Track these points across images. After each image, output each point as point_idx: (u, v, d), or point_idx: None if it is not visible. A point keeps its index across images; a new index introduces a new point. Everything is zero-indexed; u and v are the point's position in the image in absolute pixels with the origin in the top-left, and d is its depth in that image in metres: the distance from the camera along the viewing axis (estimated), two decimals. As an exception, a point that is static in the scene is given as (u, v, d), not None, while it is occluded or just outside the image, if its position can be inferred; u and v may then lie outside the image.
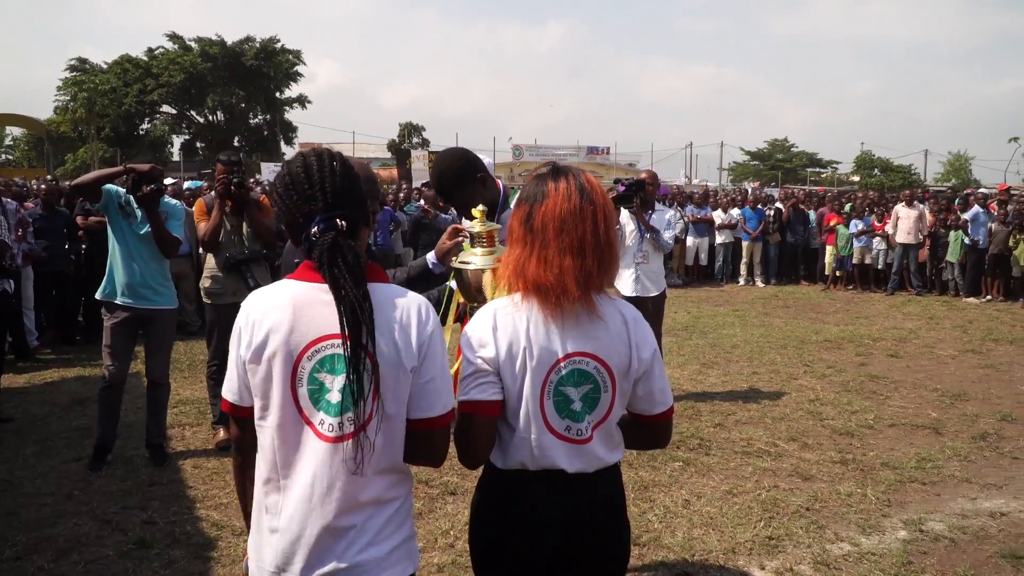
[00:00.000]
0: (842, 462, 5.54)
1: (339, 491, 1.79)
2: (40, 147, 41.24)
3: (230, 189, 5.59)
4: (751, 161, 57.66)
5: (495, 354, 2.00)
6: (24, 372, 7.97)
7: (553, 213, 2.02)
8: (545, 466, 2.04)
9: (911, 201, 14.54)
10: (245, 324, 1.86)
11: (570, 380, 2.04)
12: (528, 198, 2.08)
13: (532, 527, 2.07)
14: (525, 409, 2.03)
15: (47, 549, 4.13)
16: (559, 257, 2.00)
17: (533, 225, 2.03)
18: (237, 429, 1.97)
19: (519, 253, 2.05)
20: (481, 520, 2.17)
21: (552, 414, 2.04)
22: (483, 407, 2.02)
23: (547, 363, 2.02)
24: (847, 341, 9.95)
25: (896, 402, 7.14)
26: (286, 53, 43.19)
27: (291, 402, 1.80)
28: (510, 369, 2.01)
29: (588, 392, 2.06)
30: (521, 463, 2.06)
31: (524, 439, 2.04)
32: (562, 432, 2.05)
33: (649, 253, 6.94)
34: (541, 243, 2.02)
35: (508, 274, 2.06)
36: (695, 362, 8.66)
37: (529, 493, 2.06)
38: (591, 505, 2.09)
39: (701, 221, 16.08)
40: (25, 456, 5.52)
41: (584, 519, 2.08)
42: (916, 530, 4.49)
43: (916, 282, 14.47)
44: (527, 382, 2.01)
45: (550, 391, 2.03)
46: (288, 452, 1.82)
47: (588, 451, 2.08)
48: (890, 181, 45.02)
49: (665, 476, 5.24)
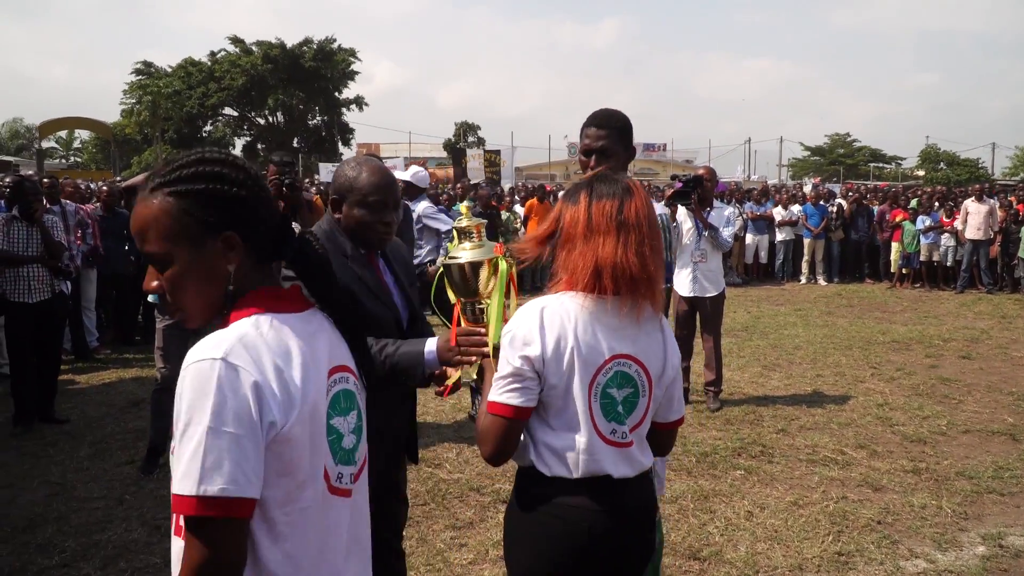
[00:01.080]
0: (915, 471, 5.26)
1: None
2: (107, 150, 42.24)
3: (282, 190, 5.53)
4: (811, 157, 56.53)
5: (540, 352, 1.95)
6: (83, 372, 8.05)
7: (646, 210, 2.01)
8: (593, 472, 1.99)
9: (981, 196, 13.98)
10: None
11: (615, 382, 2.01)
12: (611, 193, 2.01)
13: (580, 536, 1.99)
14: (573, 410, 1.98)
15: (95, 556, 4.10)
16: (654, 254, 2.00)
17: (627, 219, 1.98)
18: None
19: (613, 246, 1.96)
20: (524, 533, 2.07)
21: (600, 416, 1.99)
22: (519, 412, 1.97)
23: (595, 363, 1.98)
24: (916, 342, 9.57)
25: (970, 407, 6.80)
26: (342, 52, 43.63)
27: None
28: (556, 368, 1.96)
29: (628, 396, 2.03)
30: (567, 469, 1.99)
31: (571, 442, 1.99)
32: (608, 435, 2.01)
33: (708, 252, 6.73)
34: (638, 239, 1.98)
35: (592, 268, 1.96)
36: (756, 364, 8.39)
37: (577, 501, 1.99)
38: (635, 511, 2.07)
39: (761, 218, 15.69)
40: (79, 459, 5.54)
41: (628, 525, 2.05)
42: (995, 545, 4.22)
43: (986, 280, 13.91)
44: (576, 382, 1.97)
45: (597, 392, 1.99)
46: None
47: (631, 455, 2.05)
48: (956, 175, 43.73)
49: (726, 485, 5.03)
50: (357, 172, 2.62)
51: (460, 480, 5.09)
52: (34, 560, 4.05)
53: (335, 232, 2.64)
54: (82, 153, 54.88)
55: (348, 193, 2.61)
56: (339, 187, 2.63)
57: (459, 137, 45.36)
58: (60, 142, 55.85)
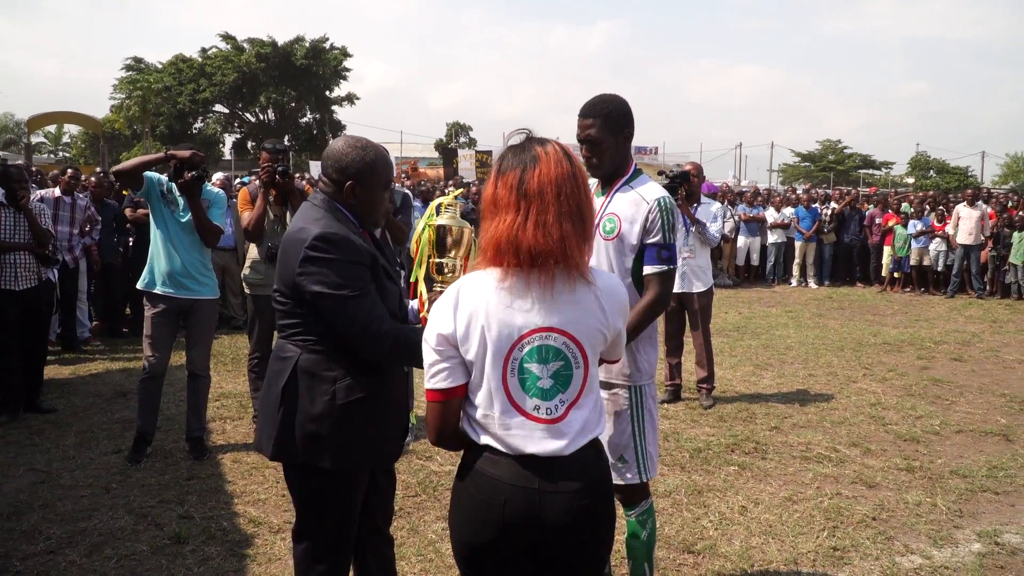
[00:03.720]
0: (908, 469, 5.24)
1: None
2: (96, 145, 41.94)
3: (274, 178, 5.48)
4: (802, 163, 56.63)
5: (452, 330, 1.97)
6: (69, 363, 7.96)
7: (549, 177, 1.94)
8: (513, 448, 1.97)
9: (973, 201, 14.02)
10: None
11: (534, 357, 1.97)
12: (516, 164, 1.98)
13: (495, 509, 1.97)
14: (488, 387, 1.98)
15: (81, 543, 4.02)
16: (559, 223, 1.92)
17: (528, 190, 1.94)
18: None
19: (512, 219, 1.93)
20: (455, 499, 2.09)
21: (518, 392, 1.97)
22: (448, 393, 2.00)
23: (509, 338, 1.96)
24: (907, 344, 9.57)
25: (962, 407, 6.79)
26: (334, 50, 43.52)
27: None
28: (469, 345, 1.96)
29: (559, 369, 1.98)
30: (492, 439, 1.99)
31: (488, 418, 1.99)
32: (531, 412, 1.98)
33: (695, 248, 6.71)
34: (539, 208, 1.93)
35: (494, 244, 1.95)
36: (748, 363, 8.37)
37: (496, 472, 1.98)
38: (567, 489, 1.96)
39: (753, 220, 15.70)
40: (65, 447, 5.45)
41: (556, 503, 1.95)
42: (991, 543, 4.19)
43: (977, 284, 13.94)
44: (488, 358, 1.96)
45: (514, 368, 1.96)
46: None
47: (561, 430, 1.98)
48: (946, 183, 43.87)
49: (720, 480, 4.99)
50: (372, 156, 2.67)
51: (451, 472, 5.04)
52: (19, 547, 3.98)
53: (339, 211, 2.65)
54: (71, 148, 54.47)
55: (367, 177, 2.65)
56: (357, 170, 2.64)
57: (450, 137, 45.28)
58: (49, 137, 55.42)
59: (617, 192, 3.11)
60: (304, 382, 2.57)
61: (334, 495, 2.64)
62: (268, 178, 5.47)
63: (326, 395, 2.55)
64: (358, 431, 2.59)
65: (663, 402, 6.72)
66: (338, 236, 2.53)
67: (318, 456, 2.57)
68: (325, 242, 2.51)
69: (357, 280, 2.52)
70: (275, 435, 2.60)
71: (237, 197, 6.48)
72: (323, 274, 2.50)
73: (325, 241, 2.51)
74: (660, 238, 3.01)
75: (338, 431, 2.56)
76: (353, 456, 2.61)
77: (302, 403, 2.57)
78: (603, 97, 3.10)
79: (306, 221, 2.60)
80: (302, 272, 2.52)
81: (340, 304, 2.49)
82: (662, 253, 3.02)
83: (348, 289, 2.49)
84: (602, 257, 3.07)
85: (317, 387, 2.56)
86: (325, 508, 2.65)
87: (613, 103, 3.08)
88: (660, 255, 3.02)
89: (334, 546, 2.68)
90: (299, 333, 2.61)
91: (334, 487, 2.63)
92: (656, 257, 3.02)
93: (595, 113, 3.04)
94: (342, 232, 2.56)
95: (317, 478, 2.61)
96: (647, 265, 3.03)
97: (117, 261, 9.36)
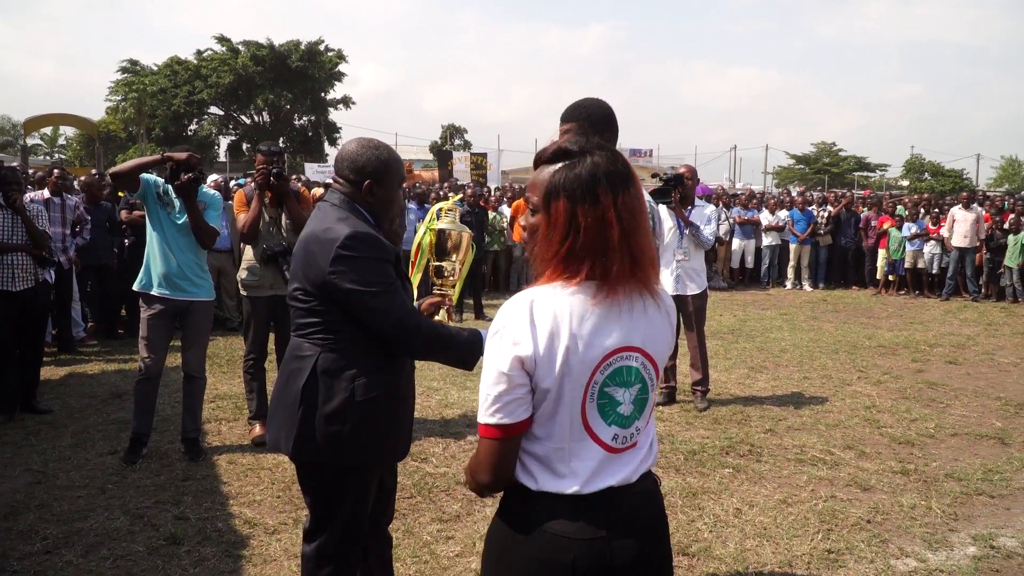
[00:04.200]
0: (903, 472, 5.25)
1: None
2: (91, 147, 41.86)
3: (270, 180, 5.48)
4: (796, 165, 56.74)
5: (532, 351, 1.68)
6: (65, 364, 7.95)
7: (639, 189, 1.79)
8: (588, 487, 1.74)
9: (968, 203, 14.05)
10: None
11: (615, 380, 1.75)
12: (606, 175, 1.73)
13: (563, 570, 1.72)
14: (564, 416, 1.73)
15: (77, 543, 4.02)
16: (646, 237, 1.76)
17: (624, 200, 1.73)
18: None
19: (612, 229, 1.70)
20: (501, 556, 1.83)
21: (597, 421, 1.75)
22: (511, 429, 1.72)
23: (593, 360, 1.71)
24: (902, 347, 9.60)
25: (957, 410, 6.81)
26: (329, 52, 43.50)
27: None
28: (548, 369, 1.69)
29: (638, 393, 1.79)
30: (555, 482, 1.74)
31: (559, 453, 1.74)
32: (608, 442, 1.76)
33: (690, 250, 6.72)
34: (633, 218, 1.73)
35: (574, 254, 1.71)
36: (743, 366, 8.39)
37: (561, 528, 1.73)
38: (636, 523, 1.79)
39: (748, 222, 15.73)
40: (61, 448, 5.45)
41: (627, 542, 1.76)
42: (987, 546, 4.20)
43: (972, 287, 13.98)
44: (567, 384, 1.70)
45: (594, 393, 1.73)
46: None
47: (632, 459, 1.81)
48: (941, 186, 43.98)
49: (715, 483, 5.00)
50: (386, 154, 2.77)
51: (447, 474, 5.05)
52: (16, 547, 3.98)
53: (359, 211, 2.72)
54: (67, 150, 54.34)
55: (384, 175, 2.73)
56: (374, 169, 2.72)
57: (445, 140, 45.28)
58: (45, 139, 55.27)
59: None
60: (324, 381, 2.61)
61: (350, 493, 2.68)
62: (264, 180, 5.47)
63: (345, 393, 2.60)
64: (375, 428, 2.65)
65: (658, 404, 6.73)
66: (368, 234, 2.61)
67: (338, 454, 2.62)
68: (357, 241, 2.57)
69: (387, 277, 2.60)
70: (295, 434, 2.63)
71: (233, 199, 6.48)
72: (356, 272, 2.55)
73: (356, 240, 2.57)
74: None
75: (357, 428, 2.61)
76: (371, 453, 2.67)
77: (321, 401, 2.60)
78: (584, 101, 3.12)
79: (331, 221, 2.64)
80: (334, 271, 2.55)
81: (374, 300, 2.55)
82: None
83: (380, 286, 2.56)
84: None
85: (336, 385, 2.60)
86: (340, 506, 2.68)
87: (594, 107, 3.09)
88: None
89: (344, 547, 2.71)
90: (318, 332, 2.64)
91: (350, 484, 2.68)
92: None
93: (576, 117, 3.06)
94: (367, 229, 2.64)
95: (334, 475, 2.66)
96: None
97: (112, 263, 9.36)
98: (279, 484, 4.86)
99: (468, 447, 5.57)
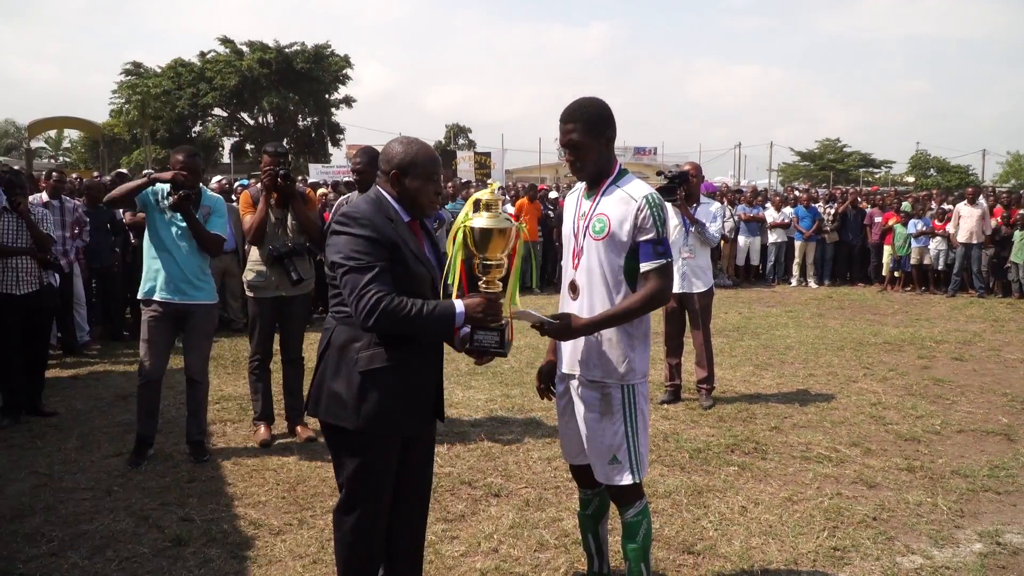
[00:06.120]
0: (909, 469, 5.24)
1: None
2: (96, 149, 41.94)
3: (276, 181, 5.49)
4: (801, 162, 56.67)
5: None
6: (70, 367, 7.98)
7: None
8: None
9: (974, 199, 14.00)
10: None
11: None
12: None
13: None
14: None
15: (82, 545, 4.03)
16: None
17: None
18: None
19: None
20: None
21: None
22: None
23: None
24: (908, 343, 9.57)
25: (963, 407, 6.79)
26: (335, 56, 43.54)
27: None
28: None
29: None
30: None
31: None
32: None
33: (695, 248, 6.70)
34: None
35: None
36: (748, 363, 8.37)
37: None
38: None
39: (753, 220, 15.69)
40: (67, 450, 5.46)
41: None
42: (993, 543, 4.18)
43: (978, 284, 13.94)
44: None
45: None
46: None
47: None
48: (946, 181, 43.89)
49: (719, 481, 4.99)
50: (415, 149, 2.96)
51: (452, 474, 5.05)
52: (22, 549, 3.99)
53: (383, 199, 2.93)
54: (71, 153, 54.48)
55: (411, 168, 2.93)
56: (400, 163, 2.93)
57: (449, 139, 45.31)
58: (49, 142, 55.46)
59: (604, 193, 3.16)
60: (335, 350, 2.89)
61: (355, 454, 2.92)
62: (270, 181, 5.48)
63: (351, 363, 2.85)
64: (377, 398, 2.84)
65: (663, 402, 6.73)
66: (360, 213, 2.82)
67: (339, 416, 2.88)
68: (347, 217, 2.81)
69: (366, 255, 2.76)
70: (310, 394, 2.98)
71: (238, 200, 6.49)
72: (339, 245, 2.80)
73: (347, 217, 2.82)
74: (654, 234, 3.05)
75: (359, 396, 2.84)
76: (372, 421, 2.85)
77: (330, 368, 2.90)
78: (583, 101, 3.15)
79: (354, 204, 2.91)
80: (328, 245, 2.88)
81: (344, 273, 2.77)
82: (657, 248, 3.07)
83: (355, 261, 2.75)
84: (593, 257, 3.11)
85: (344, 355, 2.87)
86: (348, 464, 2.93)
87: (593, 107, 3.13)
88: (656, 250, 3.06)
89: (360, 500, 2.95)
90: (336, 305, 2.92)
91: (355, 446, 2.91)
92: (652, 253, 3.06)
93: (575, 118, 3.10)
94: (368, 212, 2.83)
95: (341, 437, 2.92)
96: (644, 262, 3.07)
97: (115, 265, 9.37)
98: (284, 485, 4.87)
99: (472, 447, 5.57)
